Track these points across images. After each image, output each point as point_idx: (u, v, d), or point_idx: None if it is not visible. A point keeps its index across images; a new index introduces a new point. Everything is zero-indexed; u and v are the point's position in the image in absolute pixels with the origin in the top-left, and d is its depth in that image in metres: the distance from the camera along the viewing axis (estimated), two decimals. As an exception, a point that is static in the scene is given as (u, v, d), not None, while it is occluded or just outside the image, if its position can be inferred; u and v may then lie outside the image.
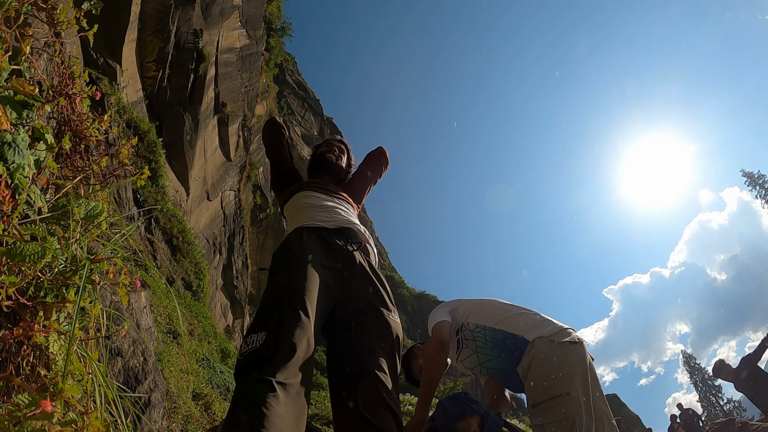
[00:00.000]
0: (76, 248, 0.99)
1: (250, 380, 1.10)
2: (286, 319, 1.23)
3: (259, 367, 1.12)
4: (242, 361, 1.18)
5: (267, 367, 1.12)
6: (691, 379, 39.98)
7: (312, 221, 1.60)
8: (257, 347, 1.17)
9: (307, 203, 1.75)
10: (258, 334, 1.20)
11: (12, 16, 0.98)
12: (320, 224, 1.59)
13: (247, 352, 1.18)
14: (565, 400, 1.72)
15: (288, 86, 28.32)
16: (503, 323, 2.04)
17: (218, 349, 8.37)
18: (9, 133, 0.92)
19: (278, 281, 1.38)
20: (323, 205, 1.72)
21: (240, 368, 1.17)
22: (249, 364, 1.15)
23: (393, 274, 34.63)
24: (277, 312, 1.24)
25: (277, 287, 1.36)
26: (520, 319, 2.04)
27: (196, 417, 3.06)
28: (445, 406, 2.30)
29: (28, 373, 0.84)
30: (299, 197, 1.80)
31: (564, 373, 1.77)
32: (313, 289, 1.34)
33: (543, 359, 1.82)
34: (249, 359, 1.16)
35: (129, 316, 1.65)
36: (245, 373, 1.14)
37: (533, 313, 2.07)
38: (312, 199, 1.77)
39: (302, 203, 1.76)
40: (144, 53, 10.36)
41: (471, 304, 2.20)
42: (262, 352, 1.15)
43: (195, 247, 10.60)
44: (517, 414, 18.87)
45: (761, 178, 32.74)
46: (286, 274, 1.38)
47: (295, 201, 1.80)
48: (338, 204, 1.78)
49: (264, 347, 1.16)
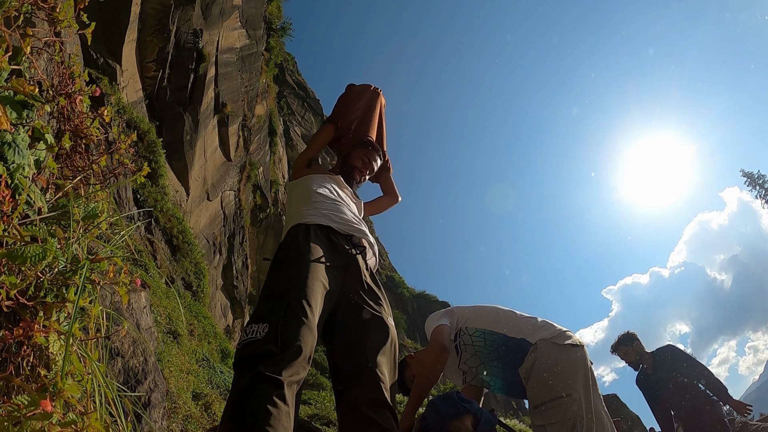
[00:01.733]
0: (76, 248, 0.99)
1: (257, 375, 1.09)
2: (293, 316, 1.23)
3: (265, 362, 1.12)
4: (242, 350, 1.17)
5: (274, 365, 1.11)
6: (691, 379, 39.95)
7: (320, 219, 1.58)
8: (259, 338, 1.16)
9: (318, 193, 1.71)
10: (260, 325, 1.19)
11: (12, 15, 0.98)
12: (328, 224, 1.57)
13: (246, 341, 1.18)
14: (567, 401, 1.74)
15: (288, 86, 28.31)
16: (504, 326, 2.03)
17: (218, 349, 8.37)
18: (9, 133, 0.92)
19: (283, 276, 1.37)
20: (333, 201, 1.70)
21: (241, 358, 1.16)
22: (252, 355, 1.14)
23: (393, 274, 34.63)
24: (283, 307, 1.24)
25: (282, 282, 1.35)
26: (520, 321, 2.05)
27: (196, 417, 3.06)
28: (438, 406, 2.29)
29: (28, 373, 0.84)
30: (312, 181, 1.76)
31: (566, 375, 1.79)
32: (317, 289, 1.34)
33: (545, 361, 1.83)
34: (250, 350, 1.16)
35: (129, 316, 1.64)
36: (248, 365, 1.13)
37: (532, 317, 2.08)
38: (324, 189, 1.73)
39: (313, 190, 1.72)
40: (144, 53, 10.35)
41: (469, 309, 2.20)
42: (268, 346, 1.15)
43: (195, 247, 10.59)
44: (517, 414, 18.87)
45: (761, 178, 32.73)
46: (292, 270, 1.37)
47: (307, 185, 1.76)
48: (348, 201, 1.77)
49: (270, 341, 1.16)
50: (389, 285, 32.25)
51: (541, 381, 1.81)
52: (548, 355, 1.84)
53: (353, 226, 1.63)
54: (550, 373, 1.80)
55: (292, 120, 27.91)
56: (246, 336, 1.20)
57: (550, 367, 1.81)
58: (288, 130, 26.12)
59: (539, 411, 1.79)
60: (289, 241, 1.50)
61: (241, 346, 1.19)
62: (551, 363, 1.82)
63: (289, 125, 26.61)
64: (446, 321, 2.11)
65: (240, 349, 1.19)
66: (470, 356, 2.12)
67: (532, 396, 1.85)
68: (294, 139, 26.51)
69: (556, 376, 1.79)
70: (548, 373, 1.80)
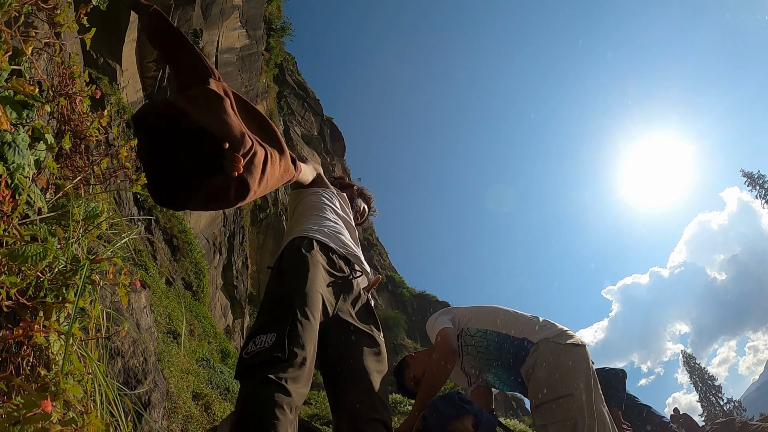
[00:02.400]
0: (76, 248, 0.99)
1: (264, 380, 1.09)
2: (301, 325, 1.23)
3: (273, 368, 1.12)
4: (249, 360, 1.17)
5: (281, 371, 1.11)
6: (691, 379, 39.99)
7: (322, 237, 1.58)
8: (266, 347, 1.16)
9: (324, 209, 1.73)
10: (267, 335, 1.19)
11: (13, 16, 0.99)
12: (330, 243, 1.58)
13: (255, 351, 1.17)
14: (569, 400, 1.74)
15: (288, 86, 28.30)
16: (505, 326, 2.03)
17: (218, 349, 8.37)
18: (9, 133, 0.92)
19: (289, 285, 1.36)
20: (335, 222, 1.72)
21: (248, 367, 1.16)
22: (259, 364, 1.14)
23: (393, 274, 34.59)
24: (290, 317, 1.24)
25: (288, 291, 1.34)
26: (521, 321, 2.05)
27: (196, 417, 3.06)
28: (438, 407, 2.30)
29: (28, 373, 0.84)
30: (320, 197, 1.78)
31: (568, 374, 1.80)
32: (319, 302, 1.36)
33: (547, 360, 1.84)
34: (258, 359, 1.15)
35: (129, 316, 1.65)
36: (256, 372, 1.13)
37: (533, 316, 2.08)
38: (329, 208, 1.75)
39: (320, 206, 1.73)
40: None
41: (469, 310, 2.20)
42: (274, 354, 1.15)
43: (195, 247, 10.59)
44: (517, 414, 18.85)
45: (761, 178, 32.74)
46: (299, 278, 1.37)
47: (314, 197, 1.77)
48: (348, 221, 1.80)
49: (277, 349, 1.15)
50: (389, 285, 32.23)
51: (543, 380, 1.81)
52: (550, 355, 1.85)
53: (351, 250, 1.66)
54: (552, 373, 1.81)
55: (292, 120, 27.90)
56: (255, 347, 1.19)
57: (552, 367, 1.82)
58: (288, 130, 26.12)
59: (541, 410, 1.80)
60: (294, 251, 1.50)
61: (248, 356, 1.18)
62: (553, 362, 1.83)
63: (289, 125, 26.60)
64: (449, 323, 2.11)
65: (247, 359, 1.18)
66: (473, 357, 2.12)
67: (534, 395, 1.85)
68: (294, 139, 26.49)
69: (558, 375, 1.80)
70: (550, 373, 1.81)
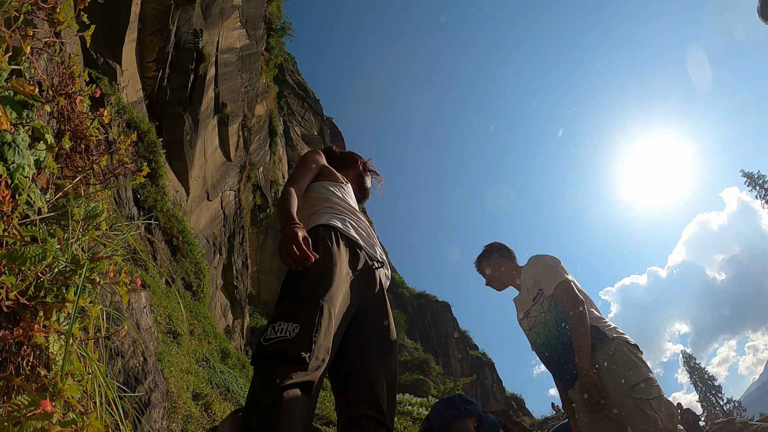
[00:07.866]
0: (76, 248, 0.99)
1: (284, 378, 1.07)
2: (326, 323, 1.21)
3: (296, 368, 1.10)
4: (267, 347, 1.14)
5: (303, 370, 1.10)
6: (691, 379, 40.00)
7: (346, 230, 1.53)
8: (289, 338, 1.14)
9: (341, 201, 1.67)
10: (290, 324, 1.17)
11: (12, 15, 0.98)
12: (355, 237, 1.54)
13: (275, 339, 1.14)
14: (655, 380, 2.02)
15: (288, 86, 28.31)
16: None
17: (218, 349, 8.38)
18: (9, 133, 0.92)
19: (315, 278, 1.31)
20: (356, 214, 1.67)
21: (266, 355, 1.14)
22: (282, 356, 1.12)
23: (393, 274, 34.61)
24: (317, 311, 1.21)
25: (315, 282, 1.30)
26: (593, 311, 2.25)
27: (196, 417, 3.06)
28: (440, 409, 2.30)
29: (28, 373, 0.84)
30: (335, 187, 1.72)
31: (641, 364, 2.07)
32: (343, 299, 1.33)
33: (626, 351, 2.08)
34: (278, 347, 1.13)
35: (129, 316, 1.65)
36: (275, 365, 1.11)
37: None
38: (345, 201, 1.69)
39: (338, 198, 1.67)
40: (144, 53, 10.35)
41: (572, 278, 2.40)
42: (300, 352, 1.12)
43: (195, 247, 10.59)
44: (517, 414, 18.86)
45: (761, 178, 32.72)
46: (325, 271, 1.33)
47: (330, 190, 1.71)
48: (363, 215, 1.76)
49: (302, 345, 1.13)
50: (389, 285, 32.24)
51: (631, 364, 2.04)
52: (626, 350, 2.09)
53: (372, 241, 1.63)
54: (633, 360, 2.06)
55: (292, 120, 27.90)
56: (275, 333, 1.15)
57: (630, 356, 2.07)
58: (288, 130, 26.12)
59: (638, 388, 1.98)
60: (322, 238, 1.44)
61: (267, 343, 1.14)
62: (631, 354, 2.08)
63: (289, 125, 26.60)
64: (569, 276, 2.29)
65: (265, 345, 1.14)
66: (538, 313, 2.30)
67: (625, 377, 2.04)
68: (294, 139, 26.50)
69: (638, 362, 2.07)
70: (632, 360, 2.06)
